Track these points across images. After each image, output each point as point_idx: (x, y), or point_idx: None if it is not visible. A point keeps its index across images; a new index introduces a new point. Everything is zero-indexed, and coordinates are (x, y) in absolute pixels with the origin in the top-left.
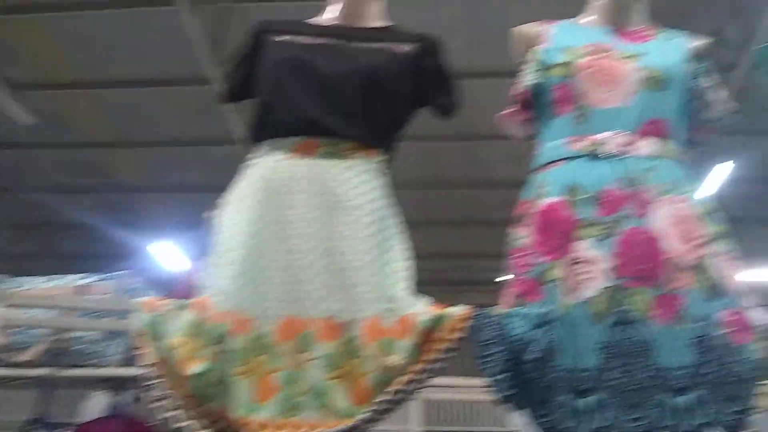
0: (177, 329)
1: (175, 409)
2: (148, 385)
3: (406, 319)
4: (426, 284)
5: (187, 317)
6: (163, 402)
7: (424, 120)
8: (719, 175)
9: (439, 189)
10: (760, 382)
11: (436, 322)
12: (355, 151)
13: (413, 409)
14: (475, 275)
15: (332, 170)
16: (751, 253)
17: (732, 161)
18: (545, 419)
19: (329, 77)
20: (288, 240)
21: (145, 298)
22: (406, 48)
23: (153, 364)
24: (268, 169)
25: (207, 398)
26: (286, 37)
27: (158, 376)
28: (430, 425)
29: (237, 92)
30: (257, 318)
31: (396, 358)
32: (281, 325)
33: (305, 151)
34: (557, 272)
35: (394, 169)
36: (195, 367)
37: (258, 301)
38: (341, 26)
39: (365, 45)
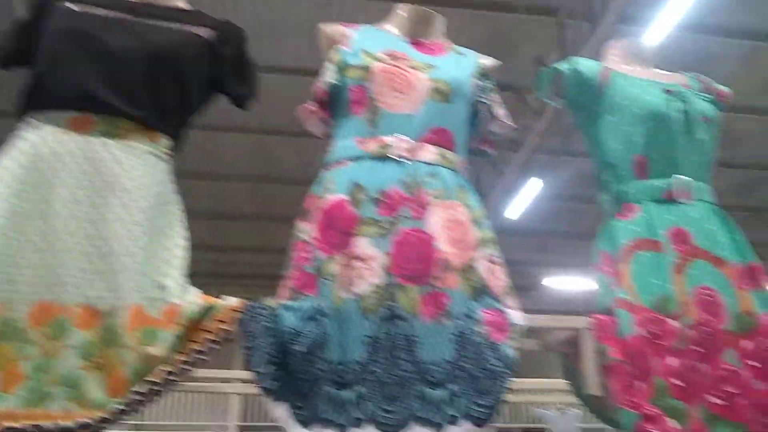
0: None
1: None
2: None
3: (172, 309)
4: (226, 277)
5: None
6: None
7: (256, 113)
8: (531, 190)
9: (267, 183)
10: (511, 378)
11: (205, 312)
12: (135, 132)
13: (232, 404)
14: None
15: (107, 150)
16: (558, 264)
17: (543, 179)
18: (305, 411)
19: (115, 52)
20: (49, 220)
21: None
22: (205, 32)
23: None
24: (35, 143)
25: None
26: (75, 6)
27: None
28: (248, 420)
29: (13, 57)
30: (6, 302)
31: (157, 349)
32: (34, 310)
33: (79, 128)
34: (334, 267)
35: (228, 162)
36: None
37: (8, 284)
38: (138, 2)
39: (160, 24)
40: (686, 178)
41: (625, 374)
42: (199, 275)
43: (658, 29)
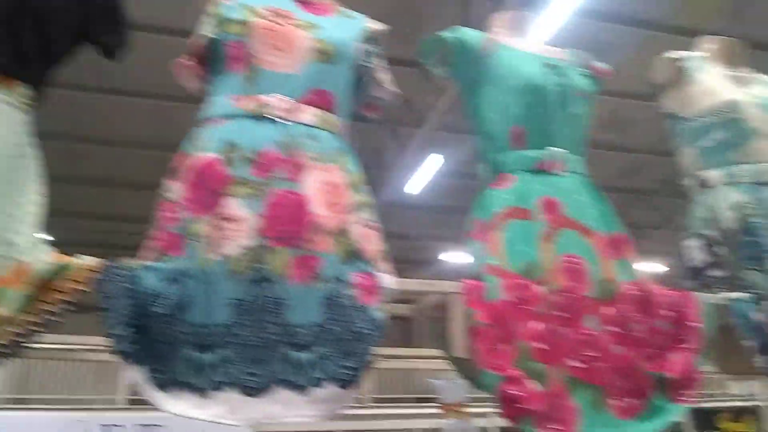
0: None
1: None
2: None
3: (20, 267)
4: (118, 248)
5: None
6: None
7: (154, 77)
8: (432, 166)
9: (163, 150)
10: (378, 341)
11: (58, 272)
12: None
13: (120, 375)
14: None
15: None
16: (456, 239)
17: (444, 155)
18: (164, 375)
19: None
20: None
21: None
22: None
23: None
24: None
25: None
26: None
27: None
28: (138, 393)
29: None
30: None
31: (3, 308)
32: None
33: None
34: (202, 228)
35: (123, 127)
36: None
37: None
38: None
39: None
40: (560, 150)
41: (490, 337)
42: (90, 245)
43: (557, 13)
